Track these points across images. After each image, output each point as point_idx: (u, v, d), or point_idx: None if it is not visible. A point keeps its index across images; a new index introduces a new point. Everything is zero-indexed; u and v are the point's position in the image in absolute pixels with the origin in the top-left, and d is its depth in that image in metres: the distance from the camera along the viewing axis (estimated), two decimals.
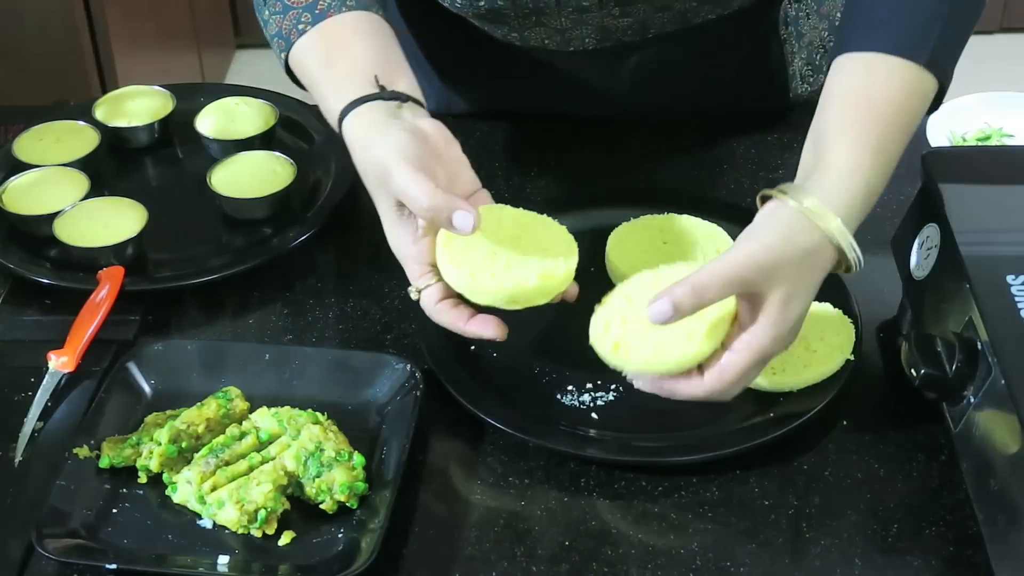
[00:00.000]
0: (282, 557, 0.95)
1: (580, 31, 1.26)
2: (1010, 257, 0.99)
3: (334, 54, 1.12)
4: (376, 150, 1.03)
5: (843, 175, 0.96)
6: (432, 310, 1.04)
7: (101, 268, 1.18)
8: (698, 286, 0.92)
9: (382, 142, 1.03)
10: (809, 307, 0.97)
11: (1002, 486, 0.89)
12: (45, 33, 2.53)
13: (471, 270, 1.01)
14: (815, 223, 0.94)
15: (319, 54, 1.13)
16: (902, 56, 1.00)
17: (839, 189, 0.96)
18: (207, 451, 0.99)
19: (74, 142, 1.34)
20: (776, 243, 0.94)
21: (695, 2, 1.24)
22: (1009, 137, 1.38)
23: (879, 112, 0.99)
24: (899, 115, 0.99)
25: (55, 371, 1.09)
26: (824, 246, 0.95)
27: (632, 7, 1.23)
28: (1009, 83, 2.28)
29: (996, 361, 0.91)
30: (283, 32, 1.15)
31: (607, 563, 0.95)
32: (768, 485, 1.00)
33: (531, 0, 1.22)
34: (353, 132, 1.06)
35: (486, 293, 1.01)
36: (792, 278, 0.94)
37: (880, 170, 0.98)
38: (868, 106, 0.99)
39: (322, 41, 1.13)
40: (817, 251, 0.95)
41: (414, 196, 0.99)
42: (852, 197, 0.96)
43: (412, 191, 0.99)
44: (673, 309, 0.92)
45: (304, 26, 1.13)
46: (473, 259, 1.02)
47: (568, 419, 1.05)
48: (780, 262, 0.94)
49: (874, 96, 0.99)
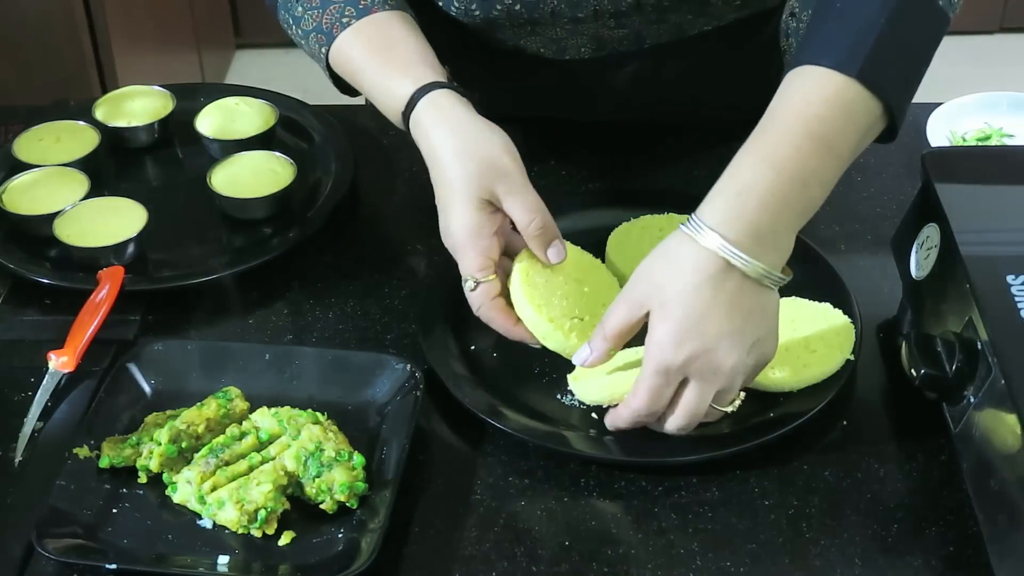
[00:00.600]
0: (282, 557, 0.95)
1: (576, 41, 1.26)
2: (1010, 257, 0.99)
3: (392, 43, 1.13)
4: (492, 140, 1.06)
5: (721, 186, 0.97)
6: (485, 305, 1.05)
7: (101, 268, 1.18)
8: (604, 320, 0.99)
9: (498, 137, 1.06)
10: (702, 312, 0.95)
11: (1002, 486, 0.89)
12: (45, 33, 2.53)
13: (551, 316, 1.04)
14: (683, 232, 0.97)
15: (372, 43, 1.14)
16: (824, 66, 0.98)
17: (712, 199, 0.97)
18: (207, 451, 0.99)
19: (74, 142, 1.34)
20: (654, 250, 0.98)
21: (690, 14, 1.24)
22: (1009, 137, 1.38)
23: (776, 117, 0.98)
24: (803, 122, 0.97)
25: (55, 371, 1.09)
26: (695, 246, 0.95)
27: (627, 19, 1.23)
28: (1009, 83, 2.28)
29: (996, 361, 0.91)
30: (324, 27, 1.16)
31: (607, 563, 0.95)
32: (768, 485, 1.00)
33: (526, 10, 1.22)
34: (445, 111, 1.07)
35: (559, 343, 1.04)
36: (663, 283, 0.96)
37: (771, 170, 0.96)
38: (770, 114, 0.99)
39: (374, 32, 1.14)
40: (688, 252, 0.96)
41: (532, 205, 1.04)
42: (726, 202, 0.96)
43: (531, 200, 1.04)
44: (589, 347, 1.00)
45: (348, 19, 1.14)
46: (552, 306, 1.05)
47: (568, 419, 1.05)
48: (650, 267, 0.98)
49: (780, 104, 0.99)
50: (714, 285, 0.95)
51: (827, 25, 1.01)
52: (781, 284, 0.98)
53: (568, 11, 1.22)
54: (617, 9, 1.22)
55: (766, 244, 0.96)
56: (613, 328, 0.99)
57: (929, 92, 1.34)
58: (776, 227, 0.96)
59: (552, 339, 1.04)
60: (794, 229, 0.98)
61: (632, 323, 0.98)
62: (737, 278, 0.95)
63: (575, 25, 1.24)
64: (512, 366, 1.09)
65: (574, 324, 1.04)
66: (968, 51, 3.39)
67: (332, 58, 1.16)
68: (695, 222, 0.96)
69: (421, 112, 1.08)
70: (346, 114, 1.41)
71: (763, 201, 0.95)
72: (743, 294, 0.96)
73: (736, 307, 0.95)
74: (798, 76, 1.00)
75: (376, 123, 1.36)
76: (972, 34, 3.48)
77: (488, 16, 1.23)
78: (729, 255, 0.94)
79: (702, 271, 0.95)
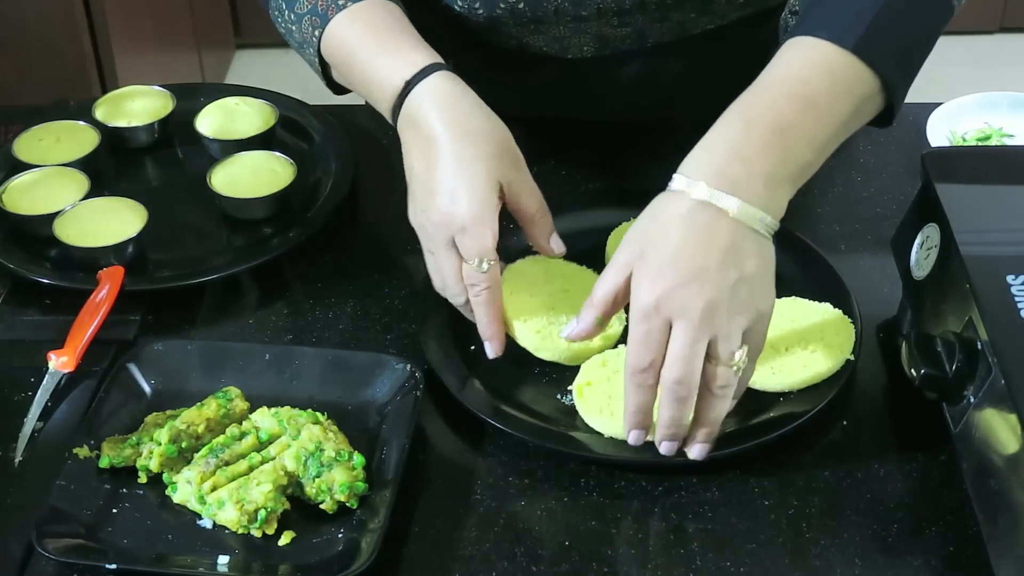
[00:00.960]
0: (282, 557, 0.95)
1: (578, 39, 1.26)
2: (1010, 257, 0.98)
3: (389, 25, 1.11)
4: (500, 125, 1.06)
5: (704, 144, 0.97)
6: (492, 288, 1.03)
7: (101, 268, 1.18)
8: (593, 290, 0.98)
9: (502, 124, 1.06)
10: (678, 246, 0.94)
11: (1002, 486, 0.89)
12: (45, 33, 2.53)
13: (538, 328, 1.06)
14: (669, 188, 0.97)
15: (370, 24, 1.12)
16: (817, 36, 0.98)
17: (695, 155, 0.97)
18: (207, 451, 0.99)
19: (74, 142, 1.34)
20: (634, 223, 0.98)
21: (693, 13, 1.25)
22: (1009, 137, 1.38)
23: (760, 80, 0.99)
24: (785, 84, 0.98)
25: (55, 371, 1.09)
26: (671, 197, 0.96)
27: (630, 17, 1.23)
28: (1009, 83, 2.28)
29: (996, 361, 0.91)
30: (318, 9, 1.14)
31: (607, 563, 0.95)
32: (768, 485, 1.00)
33: (529, 8, 1.22)
34: (451, 87, 1.06)
35: (553, 351, 1.06)
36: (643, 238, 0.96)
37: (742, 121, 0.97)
38: (756, 81, 1.00)
39: (370, 13, 1.12)
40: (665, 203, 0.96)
41: (535, 193, 1.06)
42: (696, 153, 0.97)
43: (536, 188, 1.06)
44: (576, 320, 0.99)
45: (344, 1, 1.13)
46: (537, 317, 1.07)
47: (568, 419, 1.05)
48: (633, 230, 0.97)
49: (766, 70, 1.00)
50: (687, 223, 0.94)
51: (826, 4, 1.01)
52: (770, 230, 0.96)
53: (571, 9, 1.22)
54: (620, 7, 1.22)
55: (739, 184, 0.94)
56: (600, 294, 0.97)
57: (929, 92, 1.34)
58: (750, 171, 0.95)
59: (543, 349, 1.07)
60: (776, 180, 0.96)
61: (619, 286, 0.96)
62: (711, 214, 0.94)
63: (578, 23, 1.24)
64: (512, 366, 1.09)
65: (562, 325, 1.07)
66: (968, 51, 3.39)
67: (325, 43, 1.14)
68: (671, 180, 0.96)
69: (422, 94, 1.06)
70: (346, 114, 1.41)
71: (732, 147, 0.95)
72: (719, 231, 0.94)
73: (712, 244, 0.93)
74: (790, 46, 1.00)
75: (376, 123, 1.36)
76: (972, 34, 3.48)
77: (491, 14, 1.23)
78: (693, 190, 0.94)
79: (674, 212, 0.95)
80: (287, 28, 1.19)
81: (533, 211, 1.05)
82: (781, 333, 1.07)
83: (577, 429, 1.04)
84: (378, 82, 1.10)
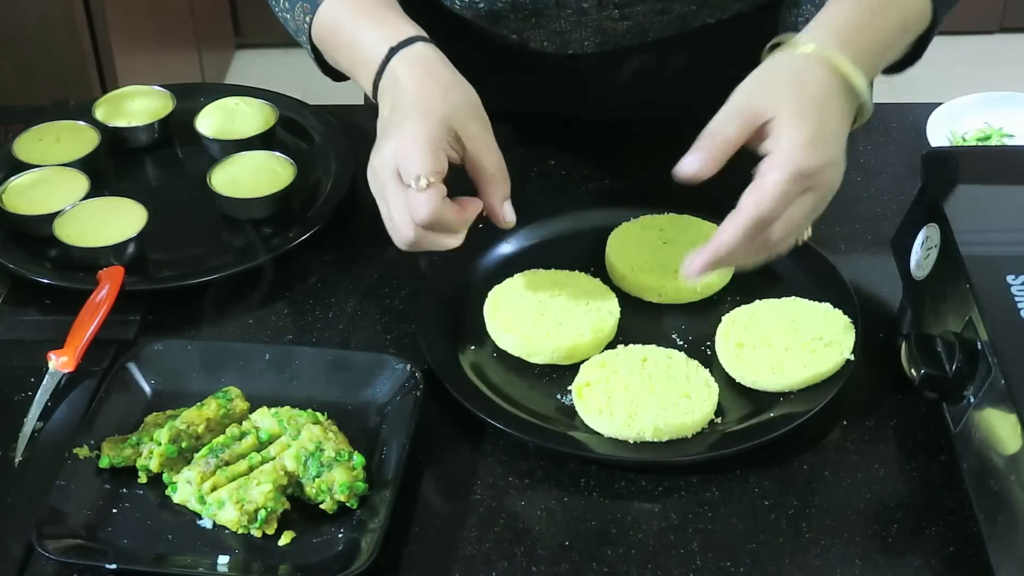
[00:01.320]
0: (282, 557, 0.95)
1: (579, 34, 1.26)
2: (1010, 257, 0.98)
3: (376, 3, 1.11)
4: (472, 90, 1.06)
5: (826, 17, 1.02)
6: (438, 206, 0.99)
7: (101, 268, 1.18)
8: (708, 131, 0.99)
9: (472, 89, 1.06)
10: (834, 127, 0.98)
11: (1002, 486, 0.89)
12: (45, 33, 2.53)
13: (525, 333, 1.08)
14: (796, 50, 1.00)
15: (357, 5, 1.12)
16: None
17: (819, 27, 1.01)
18: (207, 451, 0.99)
19: (74, 142, 1.34)
20: (763, 68, 1.01)
21: (694, 6, 1.25)
22: (1009, 137, 1.38)
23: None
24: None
25: (55, 371, 1.09)
26: (810, 62, 0.99)
27: (631, 9, 1.23)
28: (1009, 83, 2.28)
29: (996, 361, 0.91)
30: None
31: (607, 563, 0.95)
32: (768, 485, 1.00)
33: (530, 1, 1.22)
34: (430, 54, 1.06)
35: (544, 352, 1.08)
36: (791, 94, 0.98)
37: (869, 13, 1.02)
38: None
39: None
40: (804, 68, 0.99)
41: (497, 153, 1.04)
42: (838, 29, 1.01)
43: (496, 149, 1.04)
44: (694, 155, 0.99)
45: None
46: (524, 322, 1.09)
47: (568, 419, 1.05)
48: (773, 80, 1.00)
49: None
50: (841, 104, 0.99)
51: None
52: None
53: (573, 1, 1.22)
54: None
55: (859, 58, 1.00)
56: (729, 136, 0.98)
57: (929, 92, 1.34)
58: (868, 50, 1.01)
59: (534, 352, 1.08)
60: (875, 60, 1.03)
61: (748, 131, 0.98)
62: (852, 100, 0.99)
63: (579, 16, 1.24)
64: (512, 366, 1.09)
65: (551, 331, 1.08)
66: (968, 51, 3.39)
67: (315, 27, 1.14)
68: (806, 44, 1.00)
69: (400, 59, 1.06)
70: (346, 114, 1.41)
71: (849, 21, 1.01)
72: (847, 106, 0.99)
73: (844, 121, 0.99)
74: None
75: (376, 123, 1.36)
76: (972, 34, 3.48)
77: (492, 8, 1.23)
78: (849, 71, 0.98)
79: (815, 84, 0.98)
80: (283, 16, 1.19)
81: (492, 170, 1.04)
82: (781, 333, 1.07)
83: (577, 429, 1.04)
84: (362, 55, 1.09)
